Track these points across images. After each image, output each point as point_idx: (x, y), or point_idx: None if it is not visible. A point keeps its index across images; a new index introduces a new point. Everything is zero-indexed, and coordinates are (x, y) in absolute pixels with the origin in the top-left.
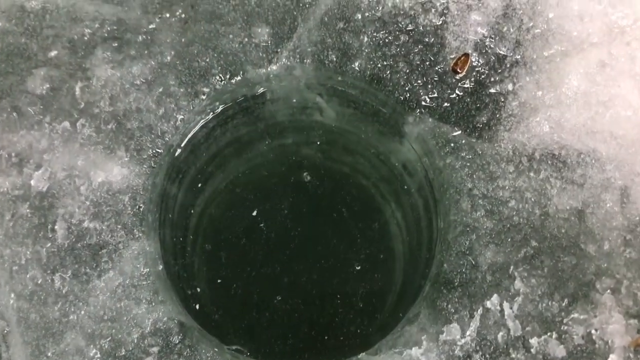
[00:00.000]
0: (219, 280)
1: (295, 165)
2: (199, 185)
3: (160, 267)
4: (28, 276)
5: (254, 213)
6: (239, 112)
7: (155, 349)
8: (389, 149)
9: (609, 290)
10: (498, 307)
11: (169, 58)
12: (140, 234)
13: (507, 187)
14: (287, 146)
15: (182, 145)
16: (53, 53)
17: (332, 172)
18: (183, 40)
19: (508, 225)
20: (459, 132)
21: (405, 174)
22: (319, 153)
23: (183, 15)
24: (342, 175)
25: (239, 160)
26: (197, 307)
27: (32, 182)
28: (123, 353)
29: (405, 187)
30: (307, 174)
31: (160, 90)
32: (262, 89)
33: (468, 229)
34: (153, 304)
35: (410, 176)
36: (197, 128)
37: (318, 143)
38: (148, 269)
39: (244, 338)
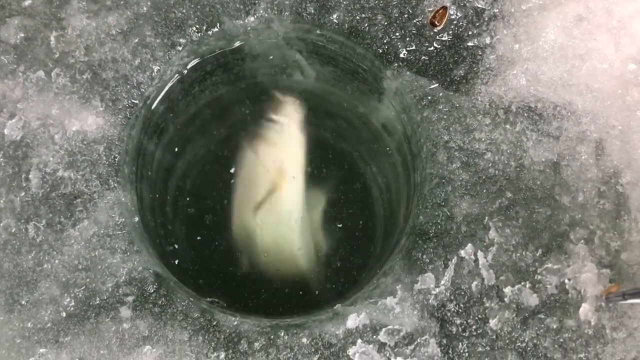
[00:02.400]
0: (197, 238)
1: None
2: (179, 146)
3: (137, 218)
4: (1, 225)
5: (234, 178)
6: (218, 67)
7: (130, 298)
8: (369, 108)
9: (582, 241)
10: (472, 257)
11: (145, 9)
12: (116, 185)
13: (483, 140)
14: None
15: (159, 98)
16: (27, 2)
17: (313, 136)
18: None
19: (484, 177)
20: (437, 85)
21: (385, 134)
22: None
23: None
24: (324, 140)
25: (219, 123)
26: (175, 261)
27: (6, 131)
28: (98, 302)
29: (385, 147)
30: None
31: (136, 40)
32: (239, 42)
33: (444, 180)
34: (128, 253)
35: (389, 135)
36: (174, 81)
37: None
38: (123, 219)
39: (220, 292)
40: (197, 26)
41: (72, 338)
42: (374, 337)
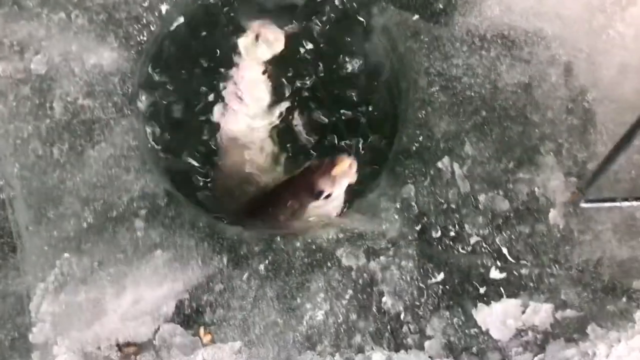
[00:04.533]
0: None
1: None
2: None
3: (149, 144)
4: (30, 148)
5: None
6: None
7: (143, 211)
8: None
9: (551, 153)
10: (449, 169)
11: None
12: (129, 112)
13: (460, 65)
14: None
15: (167, 35)
16: None
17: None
18: None
19: (461, 99)
20: (418, 17)
21: (374, 69)
22: None
23: None
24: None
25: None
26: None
27: (32, 66)
28: (114, 214)
29: (374, 82)
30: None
31: None
32: None
33: (425, 103)
34: (141, 172)
35: (378, 70)
36: (180, 21)
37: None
38: (137, 143)
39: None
40: None
41: (92, 245)
42: (361, 241)
